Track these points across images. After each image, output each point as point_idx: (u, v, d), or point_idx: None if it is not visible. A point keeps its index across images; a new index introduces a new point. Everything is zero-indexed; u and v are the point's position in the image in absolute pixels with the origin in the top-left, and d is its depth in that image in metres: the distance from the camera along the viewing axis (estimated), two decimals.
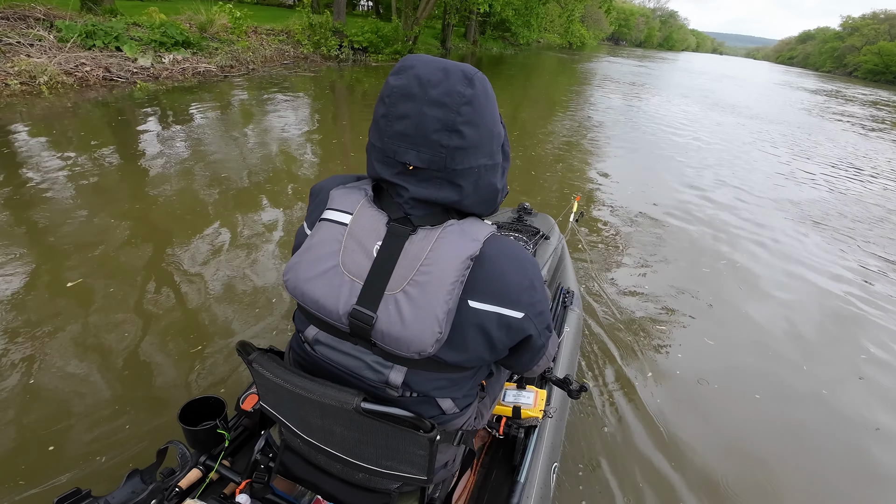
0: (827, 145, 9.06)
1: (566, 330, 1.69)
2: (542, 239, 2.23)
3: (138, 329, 2.14)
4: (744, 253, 3.72)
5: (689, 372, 2.29)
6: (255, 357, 0.78)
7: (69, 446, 1.57)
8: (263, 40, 11.09)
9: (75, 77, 6.43)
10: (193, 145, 4.71)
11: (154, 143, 4.64)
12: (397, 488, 0.85)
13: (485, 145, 0.69)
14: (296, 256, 0.74)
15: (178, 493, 0.97)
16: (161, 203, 3.36)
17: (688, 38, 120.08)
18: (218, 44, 9.42)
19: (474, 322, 0.69)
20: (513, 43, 27.35)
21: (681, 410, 2.04)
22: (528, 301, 0.72)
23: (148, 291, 2.41)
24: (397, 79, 0.67)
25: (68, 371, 1.88)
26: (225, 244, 2.91)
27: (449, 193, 0.69)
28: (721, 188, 5.38)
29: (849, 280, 3.54)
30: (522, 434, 1.18)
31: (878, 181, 6.78)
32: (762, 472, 1.79)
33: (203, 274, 2.59)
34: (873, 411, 2.21)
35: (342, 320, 0.69)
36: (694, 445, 1.86)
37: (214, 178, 3.90)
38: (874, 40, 65.46)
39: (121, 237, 2.84)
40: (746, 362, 2.44)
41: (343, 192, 0.74)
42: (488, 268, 0.69)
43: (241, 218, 3.27)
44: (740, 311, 2.89)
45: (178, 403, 1.19)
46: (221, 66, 8.42)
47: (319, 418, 0.76)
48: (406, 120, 0.66)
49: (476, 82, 0.66)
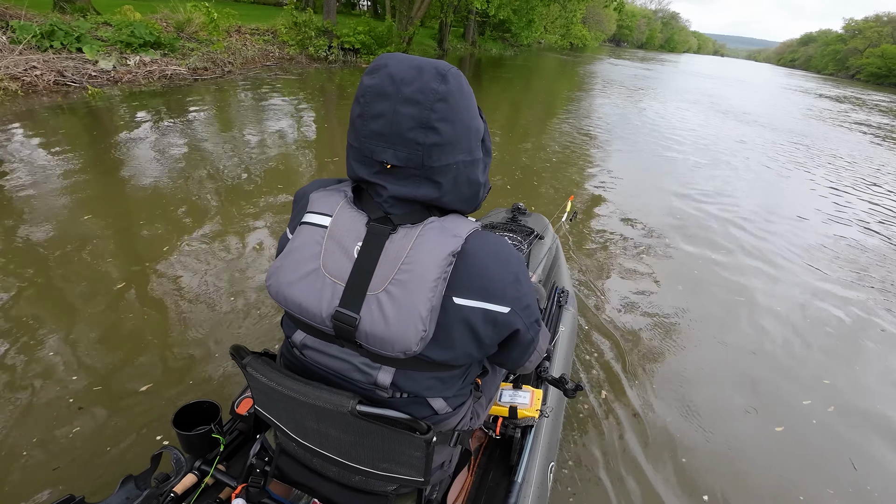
0: (864, 165, 7.75)
1: (561, 329, 1.67)
2: (536, 239, 2.21)
3: (122, 335, 2.11)
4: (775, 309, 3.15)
5: (685, 373, 2.31)
6: (249, 360, 0.77)
7: (59, 452, 1.55)
8: (247, 40, 10.44)
9: (22, 82, 5.77)
10: (119, 164, 4.06)
11: (64, 163, 3.94)
12: (394, 490, 0.84)
13: (462, 141, 0.68)
14: (277, 261, 0.73)
15: (173, 498, 0.95)
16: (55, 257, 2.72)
17: (689, 39, 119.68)
18: (195, 44, 8.77)
19: (460, 319, 0.69)
20: (513, 44, 26.65)
21: (676, 413, 2.04)
22: (514, 295, 0.71)
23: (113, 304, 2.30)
24: (371, 78, 0.66)
25: (58, 372, 1.87)
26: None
27: (427, 191, 0.69)
28: (735, 205, 4.81)
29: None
30: (519, 434, 1.18)
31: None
32: (758, 481, 1.78)
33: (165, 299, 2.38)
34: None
35: (326, 323, 0.69)
36: (687, 449, 1.87)
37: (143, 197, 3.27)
38: (877, 43, 65.35)
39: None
40: (744, 368, 2.42)
41: (323, 194, 0.74)
42: (471, 263, 0.68)
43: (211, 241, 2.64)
44: (736, 318, 2.87)
45: (171, 408, 1.24)
46: (193, 68, 7.75)
47: (315, 421, 0.76)
48: (381, 119, 0.65)
49: (450, 78, 0.65)
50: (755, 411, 2.12)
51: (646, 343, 2.48)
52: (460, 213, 0.75)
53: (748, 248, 3.86)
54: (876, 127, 12.98)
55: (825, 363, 2.55)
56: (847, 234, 4.50)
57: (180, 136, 4.92)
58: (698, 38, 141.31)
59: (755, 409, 2.13)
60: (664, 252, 3.58)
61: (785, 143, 8.73)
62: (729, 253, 3.73)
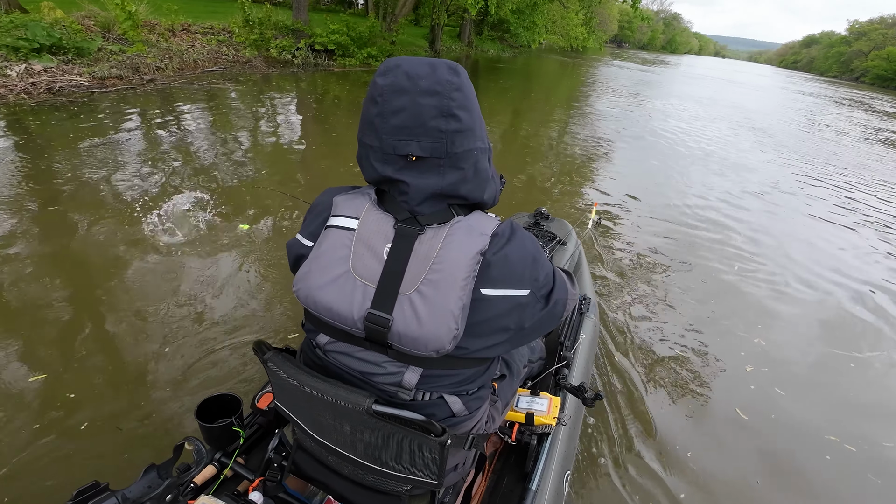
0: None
1: (582, 337, 1.64)
2: (559, 244, 2.21)
3: (144, 332, 2.06)
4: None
5: (713, 391, 2.23)
6: (270, 356, 0.78)
7: (97, 437, 1.56)
8: (196, 41, 8.74)
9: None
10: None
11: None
12: (407, 491, 0.85)
13: (477, 129, 0.71)
14: (305, 265, 0.73)
15: (192, 488, 0.96)
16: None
17: (691, 41, 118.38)
18: (121, 46, 7.09)
19: (489, 309, 0.70)
20: (512, 45, 24.90)
21: (699, 431, 1.98)
22: (532, 276, 0.73)
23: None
24: (385, 78, 0.68)
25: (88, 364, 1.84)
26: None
27: (452, 178, 0.70)
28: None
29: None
30: (535, 441, 1.17)
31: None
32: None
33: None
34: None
35: (357, 325, 0.69)
36: (712, 470, 1.79)
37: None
38: (882, 45, 64.65)
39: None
40: (772, 390, 2.28)
41: (347, 197, 0.75)
42: (496, 255, 0.70)
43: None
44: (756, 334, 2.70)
45: (196, 400, 1.26)
46: (100, 77, 6.05)
47: (332, 419, 0.76)
48: (402, 113, 0.67)
49: (460, 71, 0.69)
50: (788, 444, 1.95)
51: (671, 354, 2.40)
52: (481, 210, 0.77)
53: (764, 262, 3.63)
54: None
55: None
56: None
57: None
58: (699, 39, 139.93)
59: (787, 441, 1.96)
60: (682, 267, 3.42)
61: (833, 187, 7.09)
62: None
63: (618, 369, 2.22)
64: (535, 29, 18.44)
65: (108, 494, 0.84)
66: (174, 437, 1.59)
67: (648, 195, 4.84)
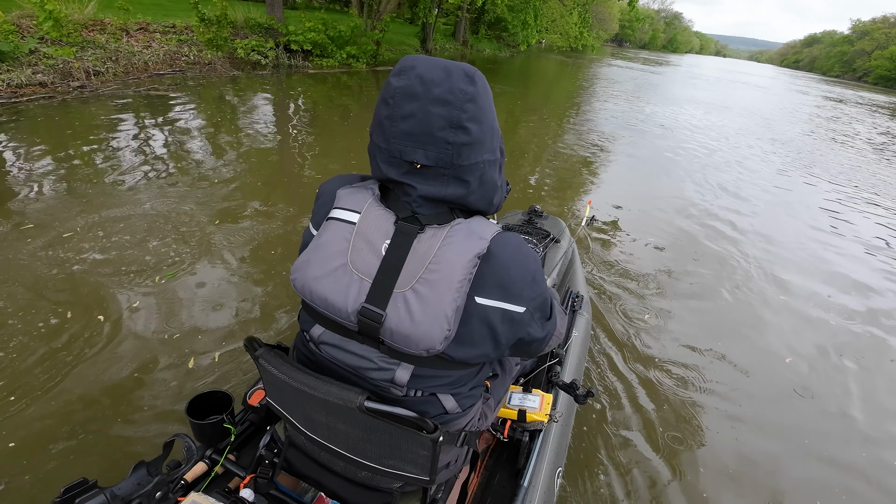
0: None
1: (574, 335, 1.64)
2: (552, 242, 2.18)
3: (138, 328, 2.03)
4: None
5: (707, 387, 2.21)
6: (262, 353, 0.77)
7: (87, 437, 1.53)
8: (155, 40, 7.79)
9: None
10: None
11: None
12: (399, 488, 0.85)
13: (487, 141, 0.70)
14: (303, 255, 0.73)
15: (183, 485, 0.95)
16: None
17: (692, 40, 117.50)
18: (56, 49, 6.15)
19: (480, 318, 0.70)
20: (509, 44, 23.92)
21: (693, 427, 1.96)
22: (530, 295, 0.73)
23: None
24: (399, 80, 0.67)
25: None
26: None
27: (455, 189, 0.70)
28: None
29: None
30: (527, 438, 1.18)
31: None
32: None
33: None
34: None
35: (351, 318, 0.69)
36: (700, 465, 1.79)
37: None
38: (885, 45, 64.00)
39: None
40: (764, 385, 2.29)
41: (350, 191, 0.75)
42: (493, 264, 0.69)
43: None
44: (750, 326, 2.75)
45: (186, 397, 1.25)
46: (16, 85, 5.09)
47: (324, 415, 0.75)
48: (411, 119, 0.66)
49: (477, 80, 0.67)
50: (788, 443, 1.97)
51: (662, 351, 2.40)
52: (482, 215, 0.76)
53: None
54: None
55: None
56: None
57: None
58: (701, 38, 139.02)
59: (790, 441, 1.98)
60: (679, 266, 3.34)
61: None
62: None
63: (611, 366, 2.22)
64: (528, 28, 17.47)
65: (96, 492, 0.84)
66: (164, 434, 1.56)
67: (645, 199, 4.67)
